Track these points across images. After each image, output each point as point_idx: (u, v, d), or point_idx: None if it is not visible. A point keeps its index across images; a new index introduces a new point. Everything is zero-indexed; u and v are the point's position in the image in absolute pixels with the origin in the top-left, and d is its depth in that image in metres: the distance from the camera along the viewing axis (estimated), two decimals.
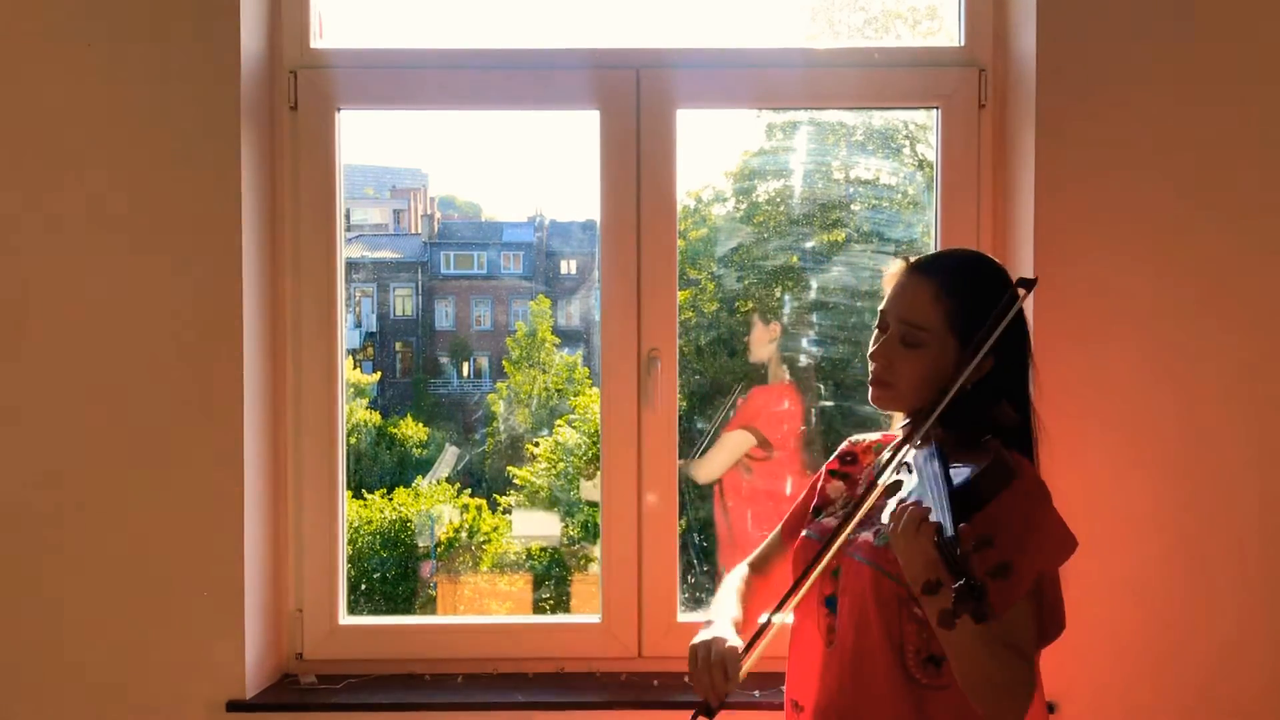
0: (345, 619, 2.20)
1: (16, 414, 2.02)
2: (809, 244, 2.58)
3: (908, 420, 1.39)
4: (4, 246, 2.01)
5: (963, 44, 2.16)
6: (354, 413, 3.02)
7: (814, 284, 2.58)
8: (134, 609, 2.02)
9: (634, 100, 2.13)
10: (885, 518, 1.23)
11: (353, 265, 2.82)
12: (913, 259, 1.40)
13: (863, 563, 1.32)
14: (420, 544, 3.13)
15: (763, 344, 2.66)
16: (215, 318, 2.00)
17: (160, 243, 2.00)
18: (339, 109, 2.16)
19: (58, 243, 2.01)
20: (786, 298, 2.64)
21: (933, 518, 1.12)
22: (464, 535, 3.12)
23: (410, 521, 3.12)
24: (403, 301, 3.53)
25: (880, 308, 1.40)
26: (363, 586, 2.78)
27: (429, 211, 3.63)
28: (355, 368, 3.33)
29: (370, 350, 3.45)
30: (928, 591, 1.09)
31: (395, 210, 3.62)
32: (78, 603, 2.02)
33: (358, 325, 3.37)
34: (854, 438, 1.56)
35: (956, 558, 1.06)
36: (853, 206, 2.58)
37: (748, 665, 1.31)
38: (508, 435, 3.23)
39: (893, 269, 1.42)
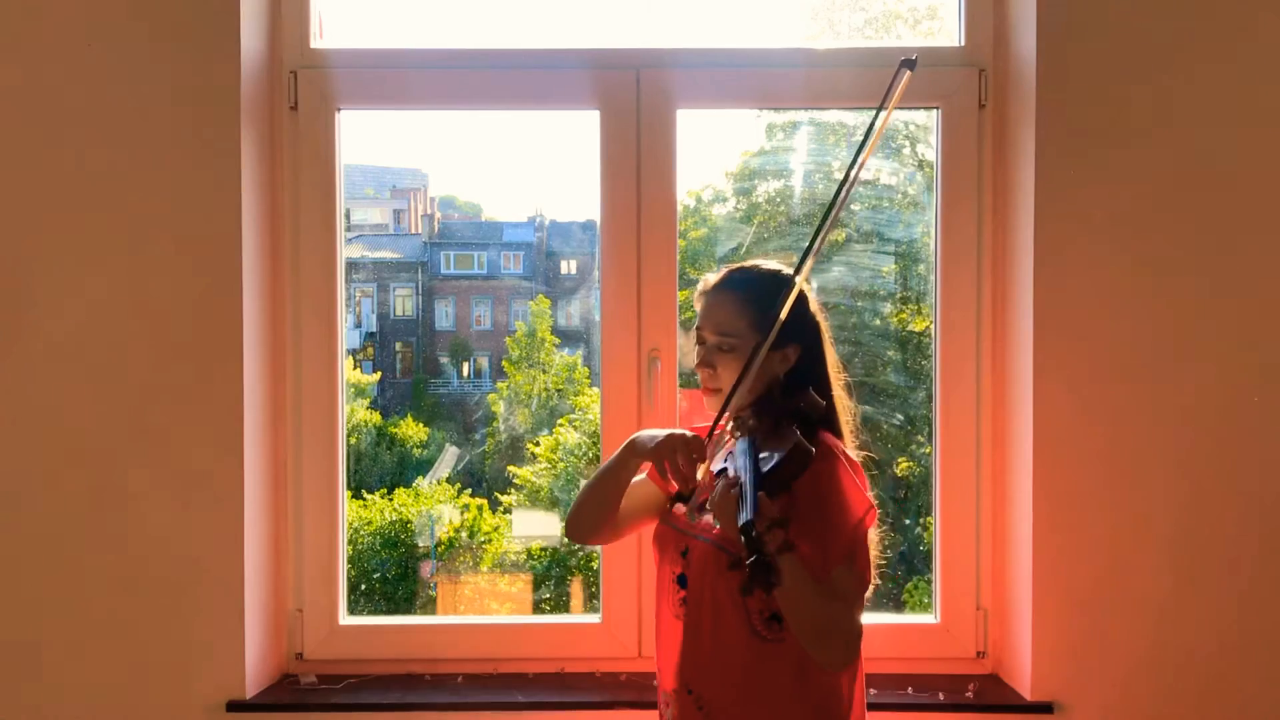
0: (345, 619, 2.20)
1: (16, 414, 2.02)
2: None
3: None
4: (3, 246, 2.01)
5: (963, 44, 2.16)
6: (354, 413, 3.02)
7: (814, 284, 2.58)
8: (134, 609, 2.02)
9: (634, 100, 2.13)
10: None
11: (353, 265, 2.82)
12: (714, 280, 1.61)
13: (706, 543, 1.52)
14: (420, 544, 3.13)
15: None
16: (215, 318, 2.00)
17: (160, 242, 2.00)
18: (339, 109, 2.17)
19: (57, 242, 2.01)
20: None
21: (741, 506, 1.31)
22: (464, 535, 3.11)
23: (410, 522, 3.12)
24: (403, 301, 3.52)
25: (694, 326, 1.61)
26: (363, 586, 2.78)
27: (429, 211, 3.63)
28: (355, 368, 3.32)
29: (370, 350, 3.44)
30: (733, 567, 1.28)
31: (395, 210, 3.62)
32: (78, 603, 2.02)
33: (358, 325, 3.36)
34: (696, 424, 1.68)
35: (752, 538, 1.24)
36: (853, 206, 2.58)
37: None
38: (508, 435, 3.22)
39: (699, 290, 1.62)
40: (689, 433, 1.54)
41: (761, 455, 1.39)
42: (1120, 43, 1.99)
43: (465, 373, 3.49)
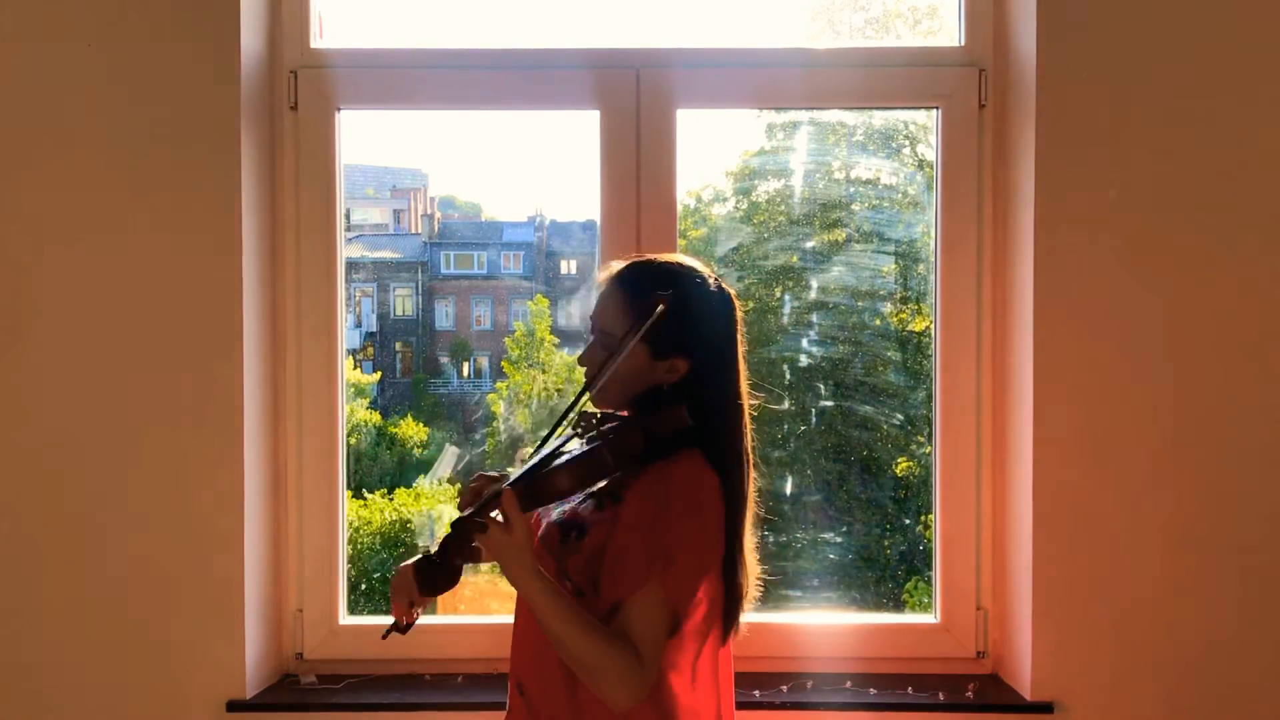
0: (345, 619, 2.20)
1: (16, 414, 2.02)
2: (809, 244, 2.57)
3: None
4: (3, 246, 2.01)
5: (963, 44, 2.16)
6: (354, 413, 3.02)
7: (814, 284, 2.58)
8: (134, 609, 2.02)
9: (634, 100, 2.13)
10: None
11: (353, 265, 2.82)
12: (617, 269, 1.47)
13: (539, 537, 1.47)
14: (420, 544, 3.12)
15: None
16: (215, 318, 2.00)
17: (160, 243, 2.00)
18: (339, 109, 2.17)
19: (57, 242, 2.01)
20: (786, 298, 2.64)
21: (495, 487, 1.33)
22: None
23: (410, 522, 3.12)
24: (403, 301, 3.52)
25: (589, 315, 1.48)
26: (363, 586, 2.77)
27: (429, 211, 3.63)
28: (355, 368, 3.32)
29: (370, 350, 3.44)
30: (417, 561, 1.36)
31: (395, 210, 3.62)
32: (78, 603, 2.02)
33: (358, 325, 3.36)
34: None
35: (460, 536, 1.31)
36: (853, 206, 2.57)
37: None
38: (508, 435, 3.22)
39: (597, 279, 1.50)
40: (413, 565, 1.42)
41: (576, 454, 1.34)
42: (1120, 42, 1.98)
43: (465, 373, 3.48)
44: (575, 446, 1.40)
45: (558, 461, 1.34)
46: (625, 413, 1.47)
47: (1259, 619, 2.01)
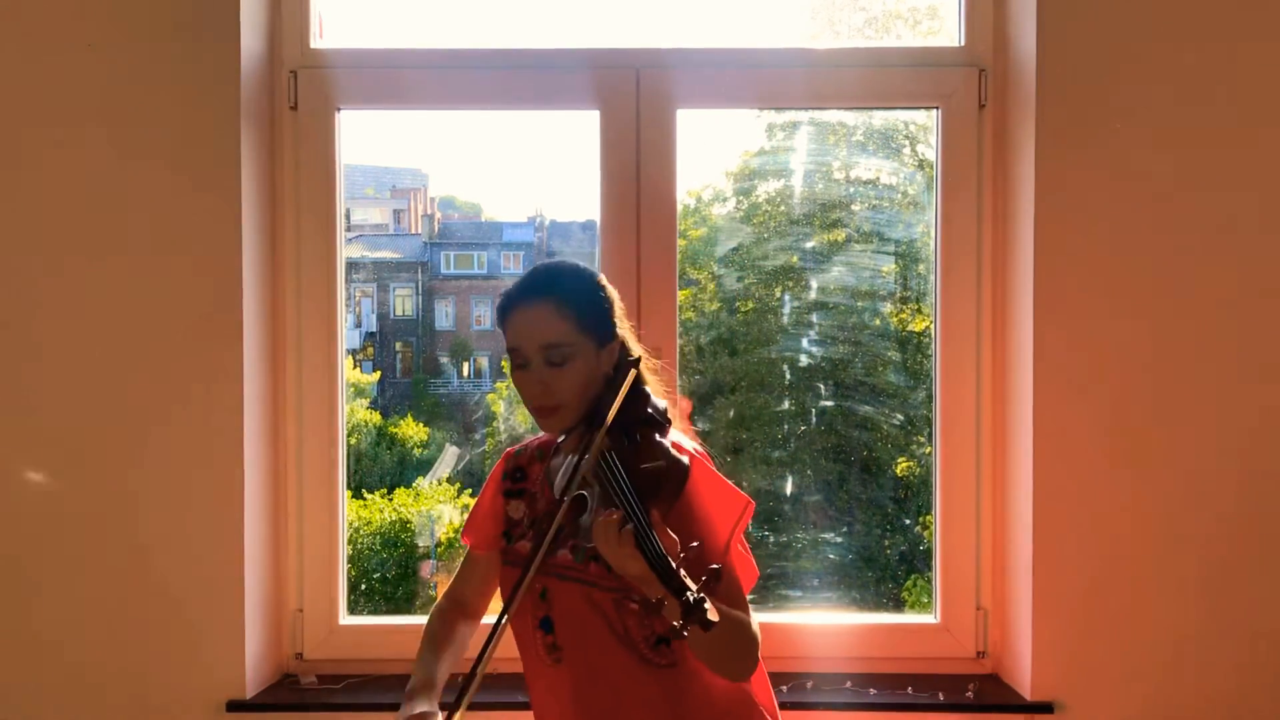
0: (345, 619, 2.20)
1: (16, 414, 2.02)
2: (809, 244, 2.58)
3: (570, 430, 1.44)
4: (4, 246, 2.01)
5: (963, 44, 2.16)
6: (354, 413, 3.02)
7: (814, 284, 2.58)
8: (134, 609, 2.02)
9: (634, 100, 2.13)
10: (586, 531, 1.27)
11: (353, 265, 2.82)
12: (515, 296, 1.42)
13: (568, 581, 1.40)
14: (420, 544, 3.12)
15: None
16: (215, 318, 2.00)
17: (160, 243, 2.00)
18: (339, 109, 2.17)
19: (58, 242, 2.01)
20: (786, 297, 2.64)
21: (627, 525, 1.19)
22: None
23: (410, 522, 3.12)
24: (403, 301, 3.52)
25: (508, 348, 1.42)
26: (363, 586, 2.78)
27: (429, 211, 3.63)
28: (355, 368, 3.32)
29: (370, 350, 3.44)
30: (652, 612, 1.17)
31: (395, 210, 3.62)
32: (78, 603, 2.02)
33: (358, 325, 3.36)
34: (514, 449, 1.59)
35: (671, 573, 1.12)
36: (853, 206, 2.58)
37: None
38: (508, 435, 3.22)
39: (501, 313, 1.43)
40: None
41: (622, 476, 1.24)
42: (1120, 43, 1.98)
43: (465, 373, 3.48)
44: (594, 466, 1.29)
45: (653, 537, 1.20)
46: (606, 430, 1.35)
47: (1258, 618, 2.01)
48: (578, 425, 1.41)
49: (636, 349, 1.46)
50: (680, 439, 1.40)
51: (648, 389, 1.41)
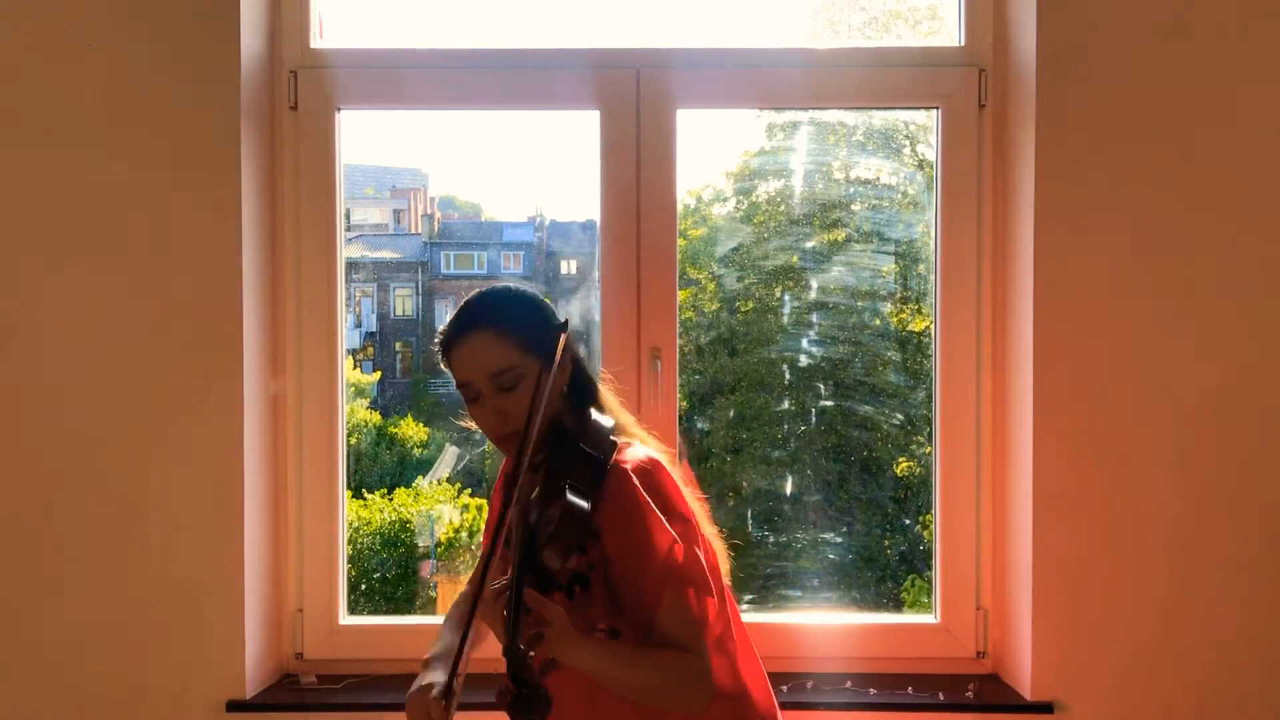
0: (345, 619, 2.20)
1: (16, 414, 2.02)
2: (809, 244, 2.58)
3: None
4: (4, 247, 2.01)
5: (963, 44, 2.16)
6: (354, 413, 3.02)
7: (814, 284, 2.58)
8: (135, 609, 2.02)
9: (634, 100, 2.13)
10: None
11: (353, 265, 2.82)
12: (451, 333, 1.42)
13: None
14: (420, 544, 3.12)
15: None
16: (215, 318, 2.00)
17: (160, 243, 2.00)
18: (339, 109, 2.17)
19: (58, 243, 2.01)
20: (786, 297, 2.64)
21: (504, 594, 1.22)
22: (464, 535, 3.11)
23: (410, 521, 3.12)
24: (403, 301, 3.52)
25: (458, 383, 1.42)
26: (363, 586, 2.78)
27: (429, 211, 3.63)
28: (355, 368, 3.32)
29: (370, 350, 3.44)
30: (500, 700, 1.16)
31: (395, 210, 3.62)
32: (78, 603, 2.02)
33: (358, 325, 3.36)
34: None
35: (520, 662, 1.15)
36: (853, 206, 2.58)
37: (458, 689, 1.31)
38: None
39: (442, 349, 1.44)
40: (430, 694, 1.34)
41: (552, 506, 1.26)
42: (1120, 42, 1.98)
43: None
44: (532, 509, 1.32)
45: (542, 538, 1.26)
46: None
47: (1259, 619, 2.01)
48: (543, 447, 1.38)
49: (580, 355, 1.46)
50: (640, 448, 1.40)
51: (592, 412, 1.41)
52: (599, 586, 1.37)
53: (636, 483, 1.34)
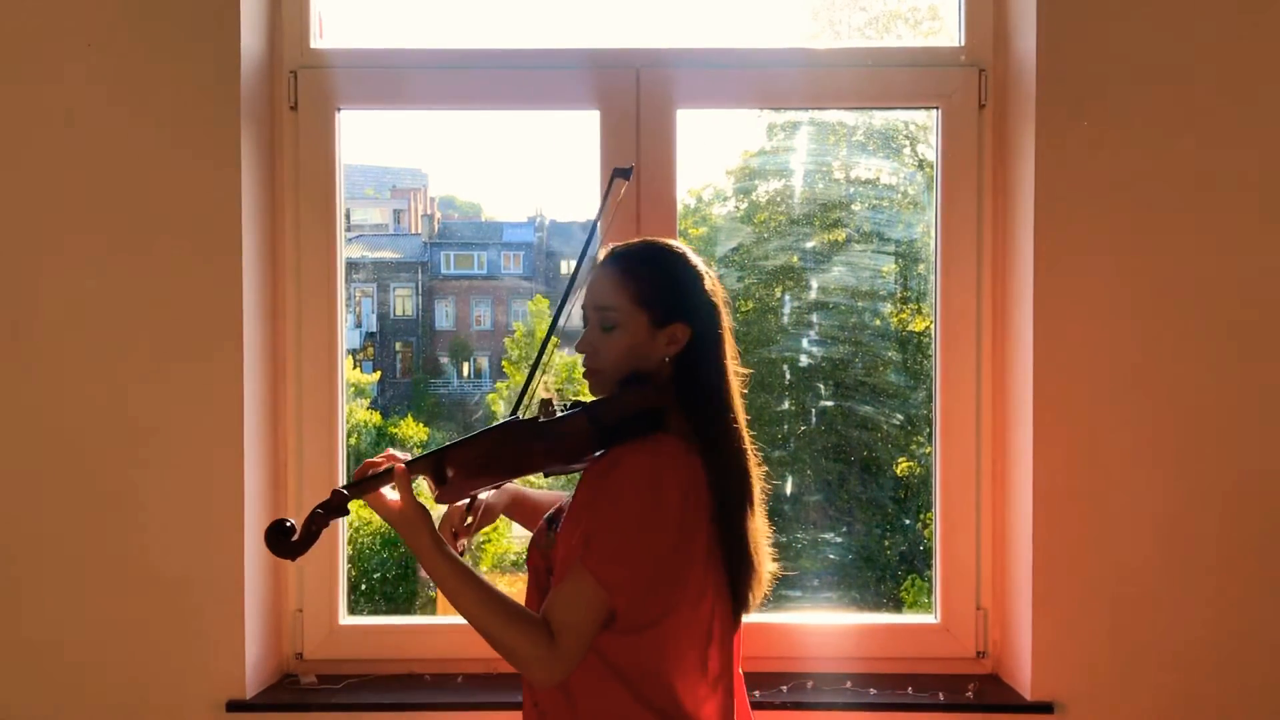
0: (345, 619, 2.20)
1: (16, 414, 2.02)
2: (809, 244, 2.57)
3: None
4: (3, 246, 2.01)
5: (963, 44, 2.16)
6: (354, 413, 3.02)
7: (814, 284, 2.58)
8: (134, 609, 2.02)
9: (634, 100, 2.13)
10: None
11: (353, 265, 2.82)
12: (600, 257, 1.49)
13: (533, 553, 1.50)
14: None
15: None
16: (215, 318, 2.00)
17: (160, 243, 2.00)
18: (339, 109, 2.16)
19: (58, 242, 2.01)
20: (786, 298, 2.64)
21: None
22: None
23: None
24: (403, 301, 3.52)
25: (580, 305, 1.48)
26: (363, 586, 2.77)
27: (429, 211, 3.63)
28: (355, 368, 3.32)
29: (370, 350, 3.44)
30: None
31: (395, 210, 3.61)
32: (78, 603, 2.02)
33: (358, 325, 3.36)
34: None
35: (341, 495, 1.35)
36: (853, 206, 2.57)
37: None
38: None
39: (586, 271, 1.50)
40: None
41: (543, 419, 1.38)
42: (1120, 42, 1.98)
43: (465, 373, 3.48)
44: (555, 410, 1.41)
45: (541, 436, 1.37)
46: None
47: (1259, 618, 2.01)
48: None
49: (729, 348, 1.45)
50: (687, 457, 1.36)
51: (647, 387, 1.41)
52: (561, 539, 1.40)
53: (641, 463, 1.32)
